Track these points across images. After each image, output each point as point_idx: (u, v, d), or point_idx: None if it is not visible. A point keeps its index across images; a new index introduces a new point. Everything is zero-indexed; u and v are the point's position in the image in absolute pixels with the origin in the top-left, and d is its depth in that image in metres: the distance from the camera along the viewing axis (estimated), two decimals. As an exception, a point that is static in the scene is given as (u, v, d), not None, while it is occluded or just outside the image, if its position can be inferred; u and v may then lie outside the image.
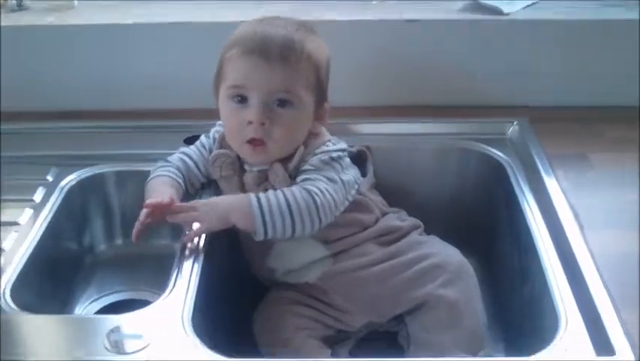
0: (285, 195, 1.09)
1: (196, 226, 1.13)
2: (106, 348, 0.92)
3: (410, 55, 1.43)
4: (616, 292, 0.98)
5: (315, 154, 1.15)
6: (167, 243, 1.33)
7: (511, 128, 1.39)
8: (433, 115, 1.42)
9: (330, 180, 1.13)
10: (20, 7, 1.51)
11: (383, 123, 1.41)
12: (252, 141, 1.12)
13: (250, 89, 1.10)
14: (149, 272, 1.30)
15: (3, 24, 1.43)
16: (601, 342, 0.92)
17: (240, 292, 1.25)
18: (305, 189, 1.10)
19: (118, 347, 0.93)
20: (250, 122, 1.10)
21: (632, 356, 0.89)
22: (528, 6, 1.44)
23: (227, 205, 1.12)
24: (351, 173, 1.19)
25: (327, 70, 1.17)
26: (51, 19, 1.46)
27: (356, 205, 1.19)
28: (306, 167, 1.14)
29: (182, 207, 1.13)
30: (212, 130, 1.25)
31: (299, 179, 1.14)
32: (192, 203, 1.13)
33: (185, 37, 1.42)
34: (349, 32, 1.40)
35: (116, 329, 0.95)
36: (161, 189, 1.17)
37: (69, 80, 1.46)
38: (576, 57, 1.42)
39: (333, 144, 1.18)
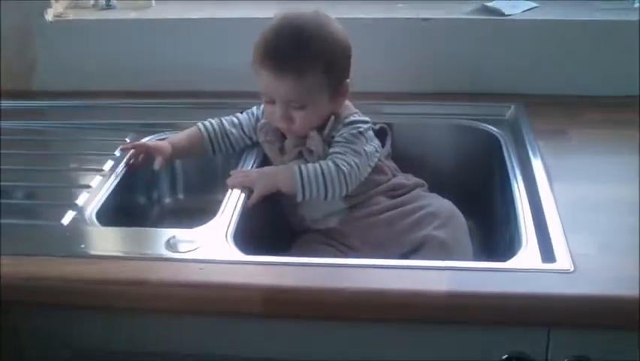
0: (321, 168, 1.35)
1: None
2: (166, 249, 1.21)
3: (426, 48, 1.69)
4: (568, 222, 1.23)
5: (345, 124, 1.40)
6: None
7: (508, 111, 1.64)
8: (446, 99, 1.69)
9: (357, 152, 1.37)
10: (109, 6, 1.83)
11: (404, 105, 1.69)
12: (281, 127, 1.41)
13: (273, 96, 1.37)
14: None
15: (94, 18, 1.77)
16: (548, 256, 1.17)
17: (274, 236, 1.49)
18: (335, 163, 1.35)
19: (174, 248, 1.21)
20: (277, 119, 1.39)
21: (569, 264, 1.13)
22: (528, 10, 1.70)
23: (275, 173, 1.39)
24: (374, 144, 1.43)
25: (343, 58, 1.39)
26: (133, 15, 1.78)
27: (374, 169, 1.43)
28: (338, 138, 1.39)
29: (237, 173, 1.40)
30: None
31: (332, 150, 1.38)
32: (247, 171, 1.41)
33: (240, 30, 1.64)
34: (376, 28, 1.68)
35: (173, 237, 1.24)
36: (176, 135, 1.52)
37: (147, 65, 1.76)
38: (566, 52, 1.67)
39: (359, 116, 1.43)
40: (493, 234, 1.52)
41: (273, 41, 1.35)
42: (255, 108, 1.54)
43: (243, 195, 1.37)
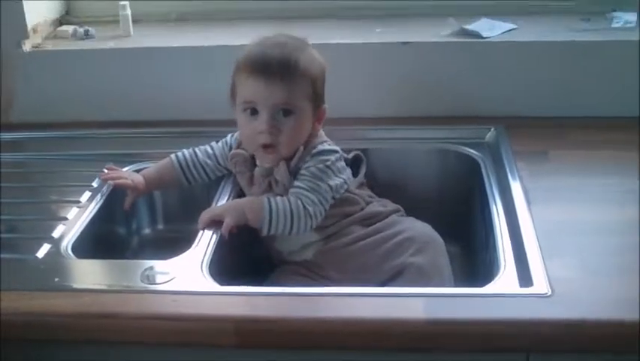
0: (290, 205, 1.33)
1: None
2: (142, 281, 1.20)
3: (405, 72, 1.69)
4: (547, 246, 1.22)
5: (313, 155, 1.38)
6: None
7: (488, 134, 1.63)
8: (426, 123, 1.68)
9: (320, 190, 1.36)
10: (87, 36, 1.83)
11: (384, 130, 1.68)
12: (264, 146, 1.37)
13: (258, 103, 1.34)
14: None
15: (72, 49, 1.77)
16: (526, 280, 1.16)
17: (251, 268, 1.48)
18: (301, 200, 1.34)
19: (150, 280, 1.20)
20: (261, 132, 1.36)
21: (546, 287, 1.12)
22: (506, 32, 1.70)
23: (244, 204, 1.37)
24: (342, 176, 1.41)
25: (322, 79, 1.39)
26: (111, 45, 1.77)
27: (343, 201, 1.41)
28: (304, 171, 1.37)
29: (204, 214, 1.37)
30: (236, 133, 1.49)
31: (297, 183, 1.37)
32: (213, 208, 1.40)
33: (219, 59, 1.66)
34: (355, 53, 1.67)
35: (149, 268, 1.23)
36: (149, 168, 1.53)
37: (126, 95, 1.75)
38: (545, 74, 1.66)
39: (329, 145, 1.41)
40: (474, 258, 1.52)
41: (262, 51, 1.35)
42: (229, 137, 1.52)
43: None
